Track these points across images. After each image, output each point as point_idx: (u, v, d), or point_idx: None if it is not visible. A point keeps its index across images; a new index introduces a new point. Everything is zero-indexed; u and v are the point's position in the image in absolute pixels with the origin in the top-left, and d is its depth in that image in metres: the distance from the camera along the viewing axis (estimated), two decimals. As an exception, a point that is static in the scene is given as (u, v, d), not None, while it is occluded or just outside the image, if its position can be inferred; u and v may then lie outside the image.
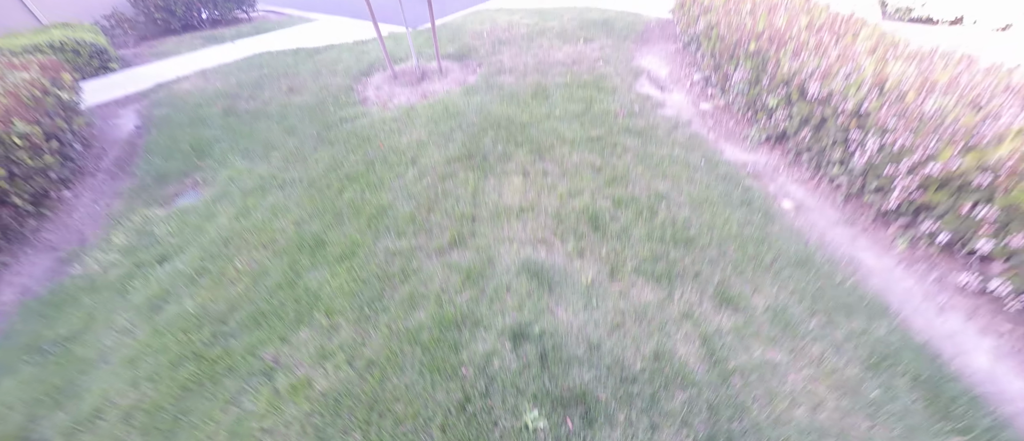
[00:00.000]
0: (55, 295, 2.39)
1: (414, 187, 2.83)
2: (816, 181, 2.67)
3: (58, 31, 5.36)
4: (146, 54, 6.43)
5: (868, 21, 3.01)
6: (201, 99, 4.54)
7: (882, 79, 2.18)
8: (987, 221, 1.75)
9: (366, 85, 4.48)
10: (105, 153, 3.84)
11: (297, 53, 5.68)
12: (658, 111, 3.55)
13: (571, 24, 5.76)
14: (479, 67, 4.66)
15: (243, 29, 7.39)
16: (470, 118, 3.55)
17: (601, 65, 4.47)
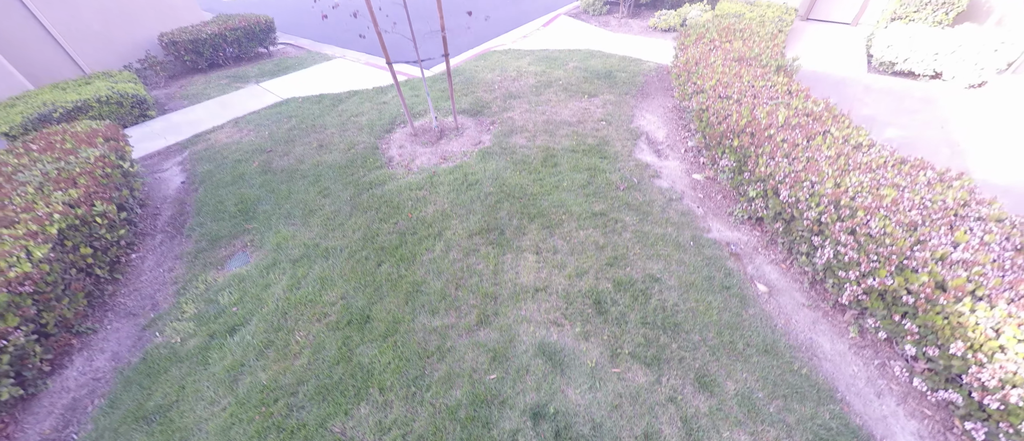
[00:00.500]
0: (145, 364, 2.84)
1: (442, 262, 3.28)
2: (788, 263, 3.11)
3: (102, 83, 5.79)
4: (177, 95, 6.87)
5: (838, 116, 3.42)
6: (239, 154, 4.99)
7: (837, 195, 2.61)
8: (911, 332, 2.19)
9: (389, 143, 4.92)
10: (159, 212, 4.29)
11: (321, 101, 6.11)
12: (654, 182, 3.99)
13: (575, 75, 6.18)
14: (492, 125, 5.10)
15: (265, 66, 7.81)
16: (487, 187, 3.99)
17: (603, 126, 4.90)
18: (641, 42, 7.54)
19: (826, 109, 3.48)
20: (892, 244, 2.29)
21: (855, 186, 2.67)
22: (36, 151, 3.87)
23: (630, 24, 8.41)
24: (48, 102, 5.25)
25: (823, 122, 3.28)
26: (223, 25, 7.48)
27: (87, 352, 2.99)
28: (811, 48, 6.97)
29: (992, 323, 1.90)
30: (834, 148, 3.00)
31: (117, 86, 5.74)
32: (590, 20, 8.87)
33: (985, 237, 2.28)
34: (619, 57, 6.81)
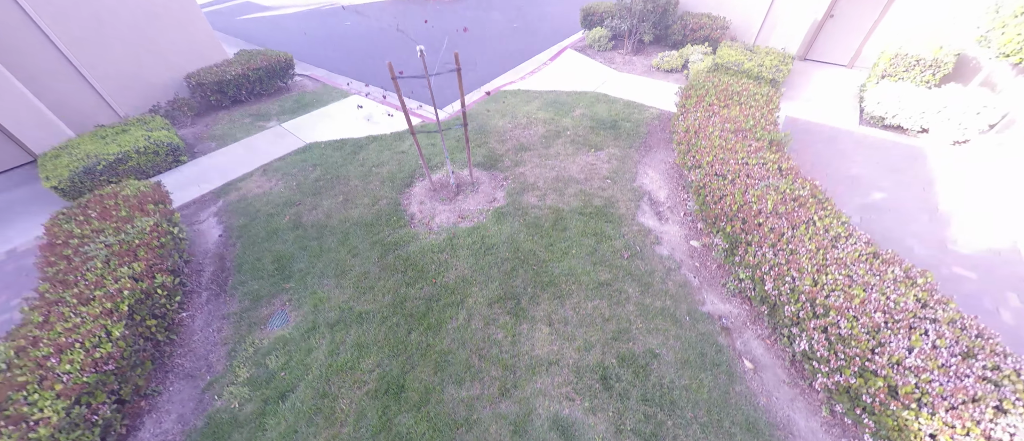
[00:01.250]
0: (210, 428, 3.26)
1: (466, 332, 3.68)
2: (772, 340, 3.50)
3: (138, 131, 6.17)
4: (205, 136, 7.25)
5: (822, 200, 3.80)
6: (270, 207, 5.39)
7: (814, 294, 2.99)
8: (869, 426, 2.59)
9: (410, 199, 5.30)
10: (203, 269, 4.69)
11: (342, 147, 6.49)
12: (655, 249, 4.37)
13: (582, 124, 6.54)
14: (505, 180, 5.48)
15: (285, 103, 8.18)
16: (503, 253, 4.39)
17: (609, 184, 5.28)
18: (644, 85, 7.87)
19: (811, 193, 3.85)
20: (857, 346, 2.68)
21: (830, 284, 3.05)
22: (95, 218, 4.27)
23: (634, 62, 8.74)
24: (91, 154, 5.64)
25: (808, 209, 3.66)
26: (245, 65, 7.84)
27: (155, 415, 3.41)
28: (807, 93, 7.31)
29: (931, 430, 2.30)
30: (815, 240, 3.37)
31: (153, 135, 6.12)
32: (595, 56, 9.19)
33: (937, 342, 2.67)
34: (624, 102, 7.16)
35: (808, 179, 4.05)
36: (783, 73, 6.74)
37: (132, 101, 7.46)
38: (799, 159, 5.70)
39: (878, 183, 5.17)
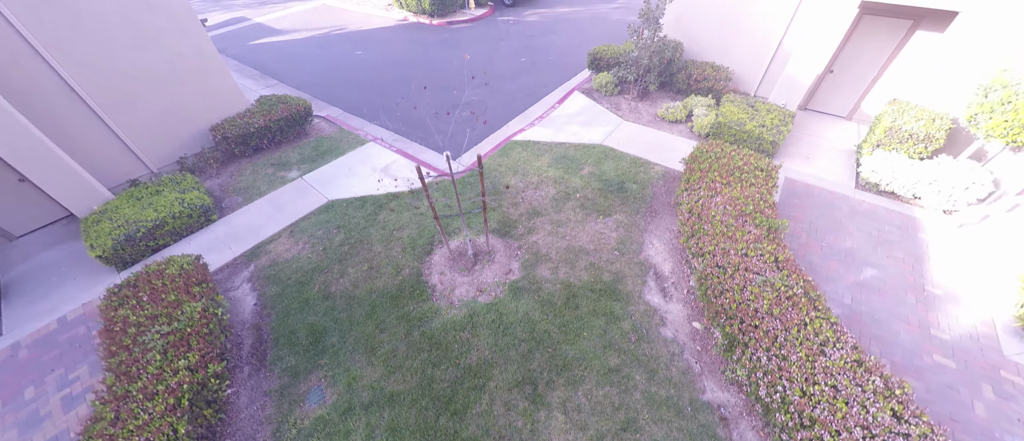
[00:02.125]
0: (264, 512, 3.66)
1: (488, 418, 4.07)
2: (766, 432, 3.87)
3: (172, 193, 6.53)
4: (230, 188, 7.61)
5: (814, 298, 4.15)
6: (300, 274, 5.76)
7: (802, 406, 3.36)
8: (848, 536, 2.97)
9: (431, 269, 5.67)
10: (242, 341, 5.08)
11: (363, 206, 6.85)
12: (660, 331, 4.74)
13: (591, 185, 6.87)
14: (519, 250, 5.84)
15: (305, 150, 8.53)
16: (520, 333, 4.76)
17: (617, 256, 5.64)
18: (649, 138, 8.17)
19: (805, 291, 4.20)
20: (838, 461, 3.06)
21: (818, 395, 3.41)
22: (147, 301, 4.66)
23: (639, 109, 9.04)
24: (130, 220, 6.02)
25: (800, 310, 4.01)
26: (267, 117, 8.18)
27: (213, 497, 3.81)
28: (806, 149, 7.62)
29: None
30: (805, 346, 3.73)
31: (185, 197, 6.49)
32: (601, 101, 9.49)
33: (909, 459, 3.04)
34: (630, 160, 7.48)
35: (802, 274, 4.41)
36: (783, 134, 7.05)
37: (161, 154, 7.82)
38: (797, 228, 6.04)
39: (870, 258, 5.51)
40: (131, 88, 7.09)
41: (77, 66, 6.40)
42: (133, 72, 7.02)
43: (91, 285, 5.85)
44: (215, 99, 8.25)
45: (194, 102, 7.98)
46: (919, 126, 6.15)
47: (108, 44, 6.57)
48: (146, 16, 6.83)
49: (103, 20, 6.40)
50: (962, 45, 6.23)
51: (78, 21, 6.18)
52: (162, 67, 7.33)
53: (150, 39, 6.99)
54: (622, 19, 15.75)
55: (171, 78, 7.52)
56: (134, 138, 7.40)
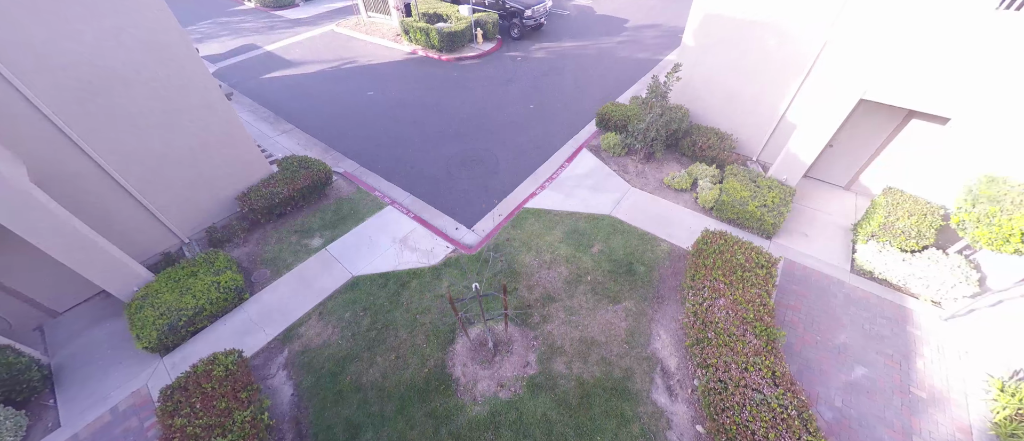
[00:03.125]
0: None
1: (513, 528, 4.52)
2: None
3: (207, 276, 6.93)
4: (257, 258, 8.02)
5: (806, 419, 4.58)
6: (332, 362, 6.19)
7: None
8: None
9: (454, 360, 6.10)
10: (284, 435, 5.52)
11: (386, 284, 7.26)
12: (666, 436, 5.18)
13: (602, 266, 7.28)
14: (536, 340, 6.26)
15: (326, 214, 8.91)
16: (539, 435, 5.20)
17: (626, 350, 6.07)
18: (656, 208, 8.51)
19: (799, 411, 4.63)
20: None
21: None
22: (199, 407, 5.09)
23: (646, 173, 9.40)
24: (171, 308, 6.43)
25: (794, 433, 4.44)
26: (291, 186, 8.56)
27: None
28: (804, 225, 8.00)
29: None
30: (799, 475, 4.17)
31: (220, 280, 6.89)
32: (609, 161, 9.84)
33: None
34: (638, 235, 7.87)
35: (796, 391, 4.83)
36: (783, 216, 7.43)
37: (191, 224, 8.21)
38: (794, 318, 6.45)
39: (862, 356, 5.93)
40: (164, 166, 7.46)
41: (113, 153, 6.76)
42: (165, 151, 7.38)
43: (137, 370, 6.28)
44: (240, 167, 8.61)
45: (221, 173, 8.35)
46: (911, 222, 6.54)
47: (143, 129, 6.93)
48: (178, 98, 7.16)
49: (138, 106, 6.73)
50: (953, 142, 6.59)
51: (114, 112, 6.53)
52: (192, 143, 7.68)
53: (181, 119, 7.34)
54: (629, 55, 16.01)
55: (200, 153, 7.88)
56: (167, 213, 7.78)
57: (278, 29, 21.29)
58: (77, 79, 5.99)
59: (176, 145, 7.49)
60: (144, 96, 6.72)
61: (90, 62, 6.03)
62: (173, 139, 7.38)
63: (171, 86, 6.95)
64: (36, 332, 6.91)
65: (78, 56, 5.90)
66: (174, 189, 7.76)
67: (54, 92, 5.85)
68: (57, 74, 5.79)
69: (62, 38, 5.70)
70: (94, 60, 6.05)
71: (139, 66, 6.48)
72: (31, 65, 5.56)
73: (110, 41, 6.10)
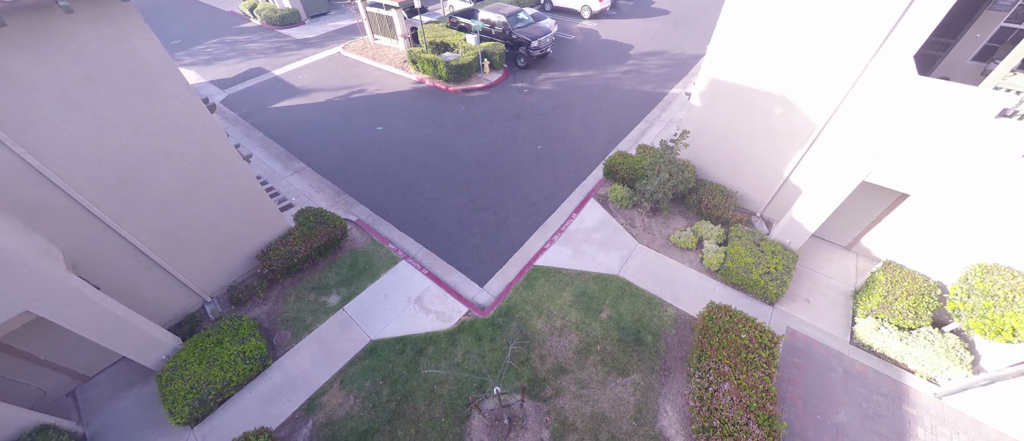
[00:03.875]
0: None
1: None
2: None
3: (233, 346, 7.22)
4: (278, 318, 8.30)
5: None
6: (355, 438, 6.49)
7: None
8: None
9: (470, 435, 6.41)
10: (311, 513, 5.84)
11: (403, 349, 7.56)
12: (674, 521, 5.49)
13: (611, 334, 7.56)
14: (548, 415, 6.57)
15: (341, 268, 9.18)
16: (553, 520, 5.52)
17: (634, 428, 6.36)
18: (663, 269, 8.74)
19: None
20: None
21: None
22: (233, 493, 5.40)
23: (652, 229, 9.65)
24: (200, 381, 6.72)
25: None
26: (308, 244, 8.82)
27: None
28: (807, 290, 8.27)
29: None
30: None
31: (246, 349, 7.18)
32: (617, 214, 10.09)
33: None
34: (645, 299, 8.14)
35: None
36: (786, 285, 7.70)
37: (213, 284, 8.49)
38: (794, 394, 6.74)
39: (859, 437, 6.23)
40: (190, 236, 7.71)
41: (144, 231, 7.02)
42: (192, 222, 7.63)
43: (169, 443, 6.60)
44: (260, 227, 8.86)
45: (242, 233, 8.60)
46: (908, 302, 6.81)
47: (172, 205, 7.18)
48: (204, 172, 7.39)
49: (167, 186, 6.99)
50: (951, 226, 6.85)
51: (145, 193, 6.78)
52: (216, 211, 7.93)
53: (207, 191, 7.59)
54: (634, 88, 16.18)
55: (223, 218, 8.13)
56: (191, 276, 8.06)
57: (285, 51, 21.42)
58: (112, 169, 6.24)
59: (202, 215, 7.73)
60: (173, 176, 6.96)
61: (124, 152, 6.27)
62: (199, 210, 7.63)
63: (197, 164, 7.19)
64: (69, 398, 7.23)
65: (113, 149, 6.14)
66: (198, 254, 8.03)
67: (90, 183, 6.11)
68: (94, 167, 6.05)
69: (99, 135, 5.95)
70: (128, 149, 6.29)
71: (169, 150, 6.72)
72: (69, 162, 5.81)
73: (143, 132, 6.34)
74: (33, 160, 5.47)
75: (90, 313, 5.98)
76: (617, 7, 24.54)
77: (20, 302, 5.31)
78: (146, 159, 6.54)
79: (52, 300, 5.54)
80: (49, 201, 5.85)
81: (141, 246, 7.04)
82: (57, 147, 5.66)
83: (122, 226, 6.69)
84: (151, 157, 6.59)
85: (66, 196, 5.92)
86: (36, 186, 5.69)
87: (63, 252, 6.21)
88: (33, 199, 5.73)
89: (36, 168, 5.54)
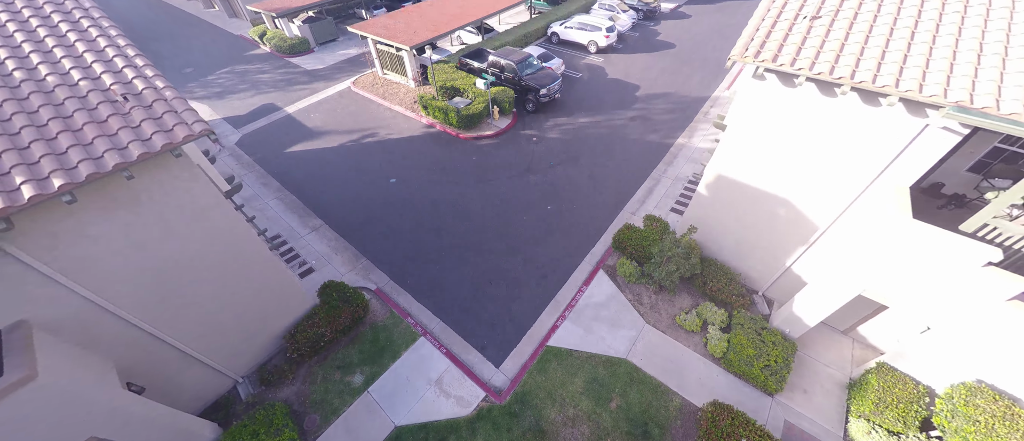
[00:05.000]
0: None
1: None
2: None
3: (268, 438, 7.73)
4: (306, 400, 8.81)
5: None
6: (384, 531, 7.04)
7: None
8: None
9: (492, 533, 6.94)
10: None
11: (427, 437, 8.07)
12: None
13: (620, 426, 8.08)
14: (563, 514, 7.10)
15: (363, 345, 9.67)
16: None
17: (644, 529, 6.90)
18: (669, 353, 9.21)
19: None
20: None
21: None
22: None
23: (659, 307, 10.13)
24: (241, 476, 7.26)
25: None
26: (333, 326, 9.30)
27: None
28: (806, 379, 8.77)
29: None
30: None
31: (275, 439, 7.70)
32: (625, 289, 10.56)
33: None
34: (652, 387, 8.65)
35: None
36: (784, 379, 8.22)
37: (244, 366, 8.99)
38: (791, 491, 7.29)
39: (849, 540, 6.78)
40: (224, 326, 8.18)
41: (186, 332, 7.48)
42: (229, 317, 8.09)
43: (212, 534, 7.13)
44: (286, 306, 9.32)
45: (271, 315, 9.06)
46: (898, 411, 7.31)
47: (211, 306, 7.64)
48: (239, 271, 7.82)
49: (207, 289, 7.43)
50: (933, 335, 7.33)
51: (187, 299, 7.22)
52: (250, 302, 8.39)
53: (242, 287, 8.04)
54: (640, 137, 16.54)
55: (255, 307, 8.59)
56: (225, 362, 8.55)
57: (296, 85, 21.71)
58: (160, 288, 6.68)
59: (237, 307, 8.17)
60: (213, 282, 7.41)
61: (172, 272, 6.71)
62: (235, 305, 8.08)
63: (234, 267, 7.63)
64: (116, 484, 7.75)
65: (162, 271, 6.58)
66: (232, 341, 8.50)
67: (140, 304, 6.55)
68: (144, 291, 6.49)
69: (152, 263, 6.38)
70: (176, 270, 6.73)
71: (211, 263, 7.16)
72: (124, 290, 6.26)
73: (190, 253, 6.78)
74: (94, 296, 5.93)
75: (144, 425, 6.48)
76: (624, 40, 24.77)
77: (86, 430, 5.80)
78: (191, 274, 6.99)
79: (113, 422, 6.03)
80: (105, 326, 6.32)
81: (184, 347, 7.52)
82: (115, 281, 6.10)
83: (168, 334, 7.16)
84: (196, 272, 7.04)
85: (120, 319, 6.39)
86: (94, 315, 6.15)
87: (116, 365, 6.70)
88: (92, 326, 6.20)
89: (96, 302, 6.01)
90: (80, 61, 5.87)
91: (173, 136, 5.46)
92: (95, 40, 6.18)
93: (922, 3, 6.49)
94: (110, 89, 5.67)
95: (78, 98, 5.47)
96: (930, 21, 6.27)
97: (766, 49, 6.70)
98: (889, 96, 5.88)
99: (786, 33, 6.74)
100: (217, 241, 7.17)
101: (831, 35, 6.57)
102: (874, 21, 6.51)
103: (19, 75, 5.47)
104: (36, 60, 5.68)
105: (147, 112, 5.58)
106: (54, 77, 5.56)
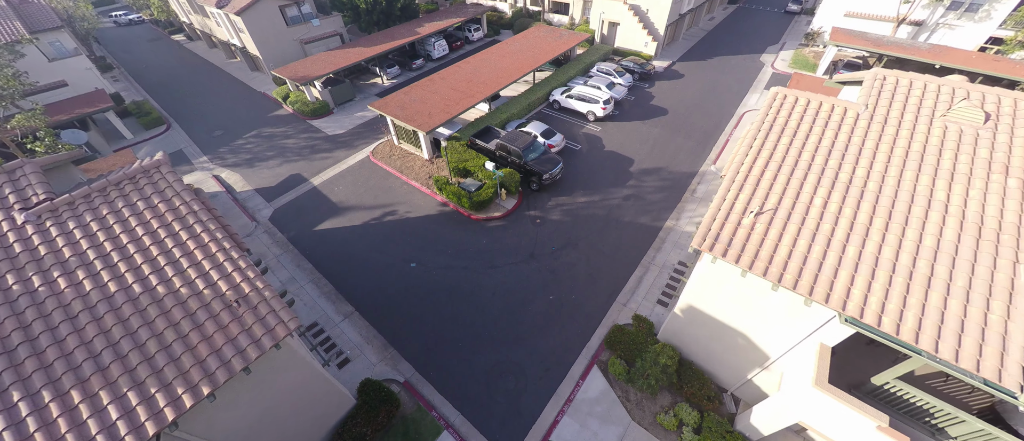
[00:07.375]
0: None
1: None
2: None
3: (326, 530, 9.63)
4: (351, 490, 10.71)
5: None
6: None
7: None
8: None
9: None
10: None
11: (451, 529, 9.96)
12: None
13: (608, 520, 9.96)
14: None
15: (397, 439, 11.56)
16: None
17: None
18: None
19: None
20: None
21: None
22: None
23: (644, 405, 12.00)
24: None
25: None
26: (373, 426, 11.21)
27: None
28: None
29: None
30: None
31: (335, 533, 9.60)
32: (615, 385, 12.44)
33: None
34: (635, 483, 10.55)
35: None
36: (744, 480, 10.09)
37: (298, 462, 10.92)
38: None
39: None
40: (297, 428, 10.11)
41: None
42: (297, 419, 10.03)
43: None
44: (337, 409, 11.24)
45: (322, 416, 10.98)
46: (829, 517, 9.18)
47: (288, 420, 9.58)
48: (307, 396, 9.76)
49: (286, 418, 9.37)
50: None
51: (273, 432, 9.18)
52: (309, 412, 10.33)
53: (306, 406, 9.97)
54: (632, 220, 18.42)
55: (314, 412, 10.52)
56: (285, 462, 10.49)
57: (320, 152, 23.69)
58: (259, 422, 8.62)
59: (305, 417, 10.13)
60: (290, 410, 9.35)
61: (267, 418, 8.65)
62: (304, 415, 10.04)
63: (309, 394, 9.59)
64: None
65: (261, 414, 8.53)
66: None
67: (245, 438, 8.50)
68: (248, 426, 8.43)
69: (257, 416, 8.33)
70: (270, 417, 8.68)
71: (294, 397, 9.11)
72: (237, 431, 8.21)
73: (281, 402, 8.72)
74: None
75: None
76: (621, 105, 26.70)
77: None
78: (283, 409, 8.95)
79: (220, 538, 7.96)
80: (214, 460, 8.27)
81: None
82: (234, 430, 8.07)
83: (255, 450, 9.12)
84: (285, 407, 9.00)
85: (228, 452, 8.35)
86: (209, 453, 8.12)
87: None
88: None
89: (214, 445, 7.97)
90: (200, 268, 7.83)
91: (275, 335, 7.41)
92: (207, 245, 8.14)
93: (836, 220, 8.32)
94: (226, 294, 7.63)
95: (205, 307, 7.42)
96: (842, 232, 8.16)
97: (719, 241, 8.60)
98: (805, 298, 7.78)
99: (733, 231, 8.65)
100: (302, 389, 9.15)
101: (765, 243, 8.40)
102: (797, 234, 8.34)
103: (161, 290, 7.43)
104: (170, 273, 7.64)
105: (255, 314, 7.53)
106: (186, 289, 7.52)
